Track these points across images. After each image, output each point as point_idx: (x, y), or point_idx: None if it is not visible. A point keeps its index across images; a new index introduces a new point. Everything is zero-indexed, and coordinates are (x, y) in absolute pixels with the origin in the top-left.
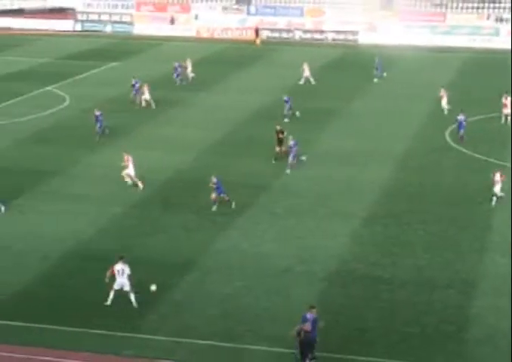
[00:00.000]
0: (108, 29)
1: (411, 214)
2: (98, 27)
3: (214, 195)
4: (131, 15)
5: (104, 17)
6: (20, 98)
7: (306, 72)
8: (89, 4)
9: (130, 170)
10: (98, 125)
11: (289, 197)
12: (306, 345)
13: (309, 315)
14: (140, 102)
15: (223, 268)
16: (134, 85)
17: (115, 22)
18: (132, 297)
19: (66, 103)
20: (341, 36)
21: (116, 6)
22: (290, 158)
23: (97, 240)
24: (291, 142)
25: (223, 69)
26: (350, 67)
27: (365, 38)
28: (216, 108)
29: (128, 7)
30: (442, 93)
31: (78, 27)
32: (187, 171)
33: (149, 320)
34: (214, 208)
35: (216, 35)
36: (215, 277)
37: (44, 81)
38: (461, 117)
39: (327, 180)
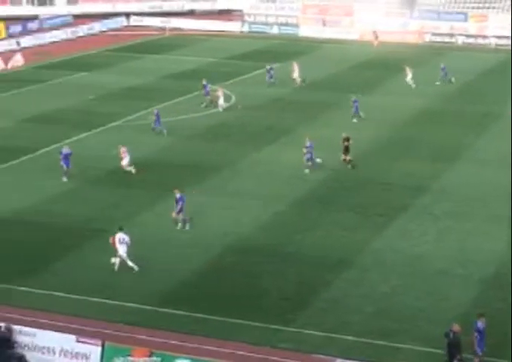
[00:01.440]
0: (274, 30)
1: None
2: (265, 29)
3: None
4: (297, 17)
5: (271, 19)
6: (188, 96)
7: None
8: (256, 7)
9: (124, 161)
10: (156, 123)
11: (447, 199)
12: (455, 346)
13: (479, 323)
14: (212, 103)
15: (380, 266)
16: (205, 86)
17: (282, 24)
18: (130, 263)
19: (232, 101)
20: (504, 41)
21: (283, 8)
22: (305, 159)
23: (258, 236)
24: (307, 143)
25: (383, 71)
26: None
27: None
28: (376, 110)
29: (294, 10)
30: None
31: (246, 28)
32: (346, 171)
33: (305, 315)
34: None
35: (379, 39)
36: (372, 275)
37: (211, 80)
38: None
39: (485, 183)
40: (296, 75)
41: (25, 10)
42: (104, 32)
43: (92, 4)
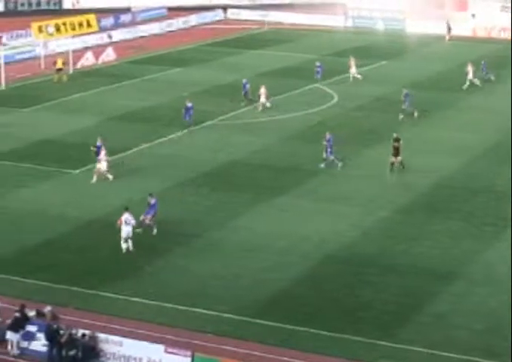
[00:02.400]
0: (379, 25)
1: None
2: (369, 23)
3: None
4: (404, 12)
5: (375, 14)
6: (287, 94)
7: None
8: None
9: (102, 166)
10: (187, 117)
11: None
12: None
13: None
14: (248, 99)
15: (489, 280)
16: (244, 85)
17: (387, 19)
18: (130, 244)
19: (334, 101)
20: None
21: (389, 2)
22: (325, 154)
23: (359, 243)
24: (327, 136)
25: (500, 70)
26: None
27: None
28: (493, 112)
29: (400, 4)
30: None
31: (349, 23)
32: (455, 176)
33: (408, 329)
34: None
35: (493, 35)
36: (481, 289)
37: (312, 78)
38: None
39: None
40: (353, 70)
41: (117, 2)
42: (200, 25)
43: None
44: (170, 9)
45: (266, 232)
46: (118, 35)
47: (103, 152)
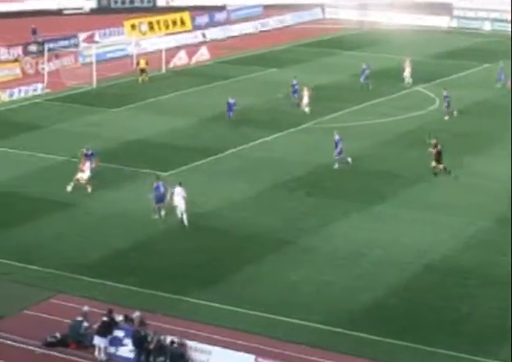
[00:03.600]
0: (486, 26)
1: None
2: (475, 24)
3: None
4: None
5: (482, 14)
6: (386, 97)
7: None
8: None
9: (85, 175)
10: (229, 113)
11: None
12: None
13: None
14: (297, 104)
15: None
16: (293, 86)
17: (495, 20)
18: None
19: (436, 105)
20: None
21: (496, 2)
22: (335, 153)
23: (459, 254)
24: (336, 137)
25: None
26: None
27: None
28: None
29: (509, 4)
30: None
31: (454, 24)
32: None
33: (509, 347)
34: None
35: None
36: None
37: (413, 81)
38: None
39: None
40: (407, 73)
41: (212, 0)
42: (296, 24)
43: None
44: (265, 7)
45: (361, 240)
46: (212, 33)
47: (88, 163)
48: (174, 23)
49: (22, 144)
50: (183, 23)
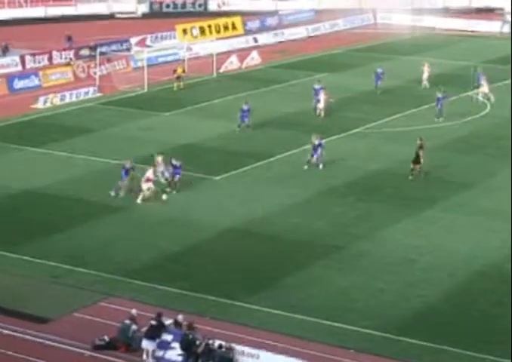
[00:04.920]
0: None
1: None
2: None
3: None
4: None
5: None
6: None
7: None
8: None
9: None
10: (241, 120)
11: None
12: None
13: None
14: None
15: None
16: (315, 90)
17: None
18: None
19: (487, 110)
20: None
21: None
22: (314, 158)
23: (510, 261)
24: (315, 142)
25: None
26: None
27: None
28: None
29: None
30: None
31: (506, 29)
32: None
33: None
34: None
35: None
36: None
37: (466, 86)
38: None
39: None
40: (425, 76)
41: (264, 4)
42: (348, 29)
43: None
44: (317, 12)
45: (412, 246)
46: (263, 38)
47: (150, 171)
48: (226, 27)
49: (74, 147)
50: (234, 27)
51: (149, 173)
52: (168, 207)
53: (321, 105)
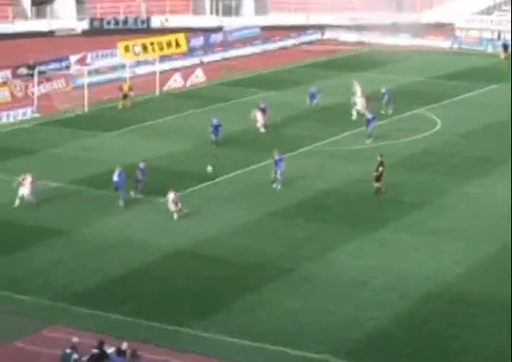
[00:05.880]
0: (489, 47)
1: None
2: (478, 45)
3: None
4: None
5: (486, 35)
6: (388, 119)
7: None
8: (470, 20)
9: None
10: (214, 134)
11: None
12: None
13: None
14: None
15: None
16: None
17: (494, 40)
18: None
19: (438, 127)
20: None
21: (500, 22)
22: (278, 175)
23: (463, 282)
24: (276, 157)
25: None
26: None
27: None
28: None
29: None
30: None
31: (456, 45)
32: None
33: None
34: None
35: None
36: None
37: (416, 102)
38: None
39: None
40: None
41: (208, 21)
42: (295, 46)
43: (283, 14)
44: (263, 28)
45: (363, 267)
46: (208, 55)
47: (172, 194)
48: (169, 44)
49: (13, 169)
50: (178, 44)
51: (172, 196)
52: (112, 229)
53: (259, 123)
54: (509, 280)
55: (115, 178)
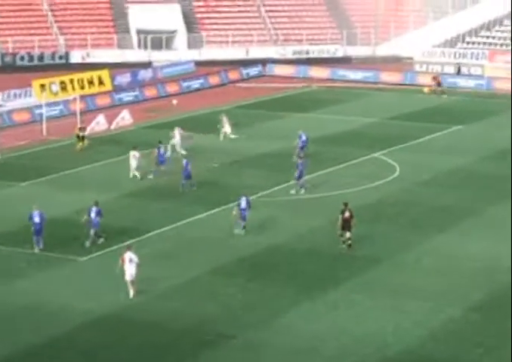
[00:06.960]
0: (459, 83)
1: None
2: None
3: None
4: (483, 67)
5: (448, 69)
6: (341, 165)
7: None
8: (431, 53)
9: None
10: (185, 175)
11: None
12: None
13: None
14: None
15: None
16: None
17: (464, 75)
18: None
19: (396, 174)
20: None
21: (465, 55)
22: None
23: (425, 346)
24: (243, 203)
25: None
26: None
27: None
28: None
29: (478, 58)
30: None
31: (416, 80)
32: None
33: None
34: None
35: None
36: None
37: (371, 146)
38: None
39: None
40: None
41: (136, 55)
42: (234, 83)
43: (220, 48)
44: (198, 64)
45: (314, 333)
46: (135, 94)
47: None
48: (91, 82)
49: None
50: (101, 82)
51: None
52: (24, 293)
53: (227, 129)
54: (474, 345)
55: (36, 219)
